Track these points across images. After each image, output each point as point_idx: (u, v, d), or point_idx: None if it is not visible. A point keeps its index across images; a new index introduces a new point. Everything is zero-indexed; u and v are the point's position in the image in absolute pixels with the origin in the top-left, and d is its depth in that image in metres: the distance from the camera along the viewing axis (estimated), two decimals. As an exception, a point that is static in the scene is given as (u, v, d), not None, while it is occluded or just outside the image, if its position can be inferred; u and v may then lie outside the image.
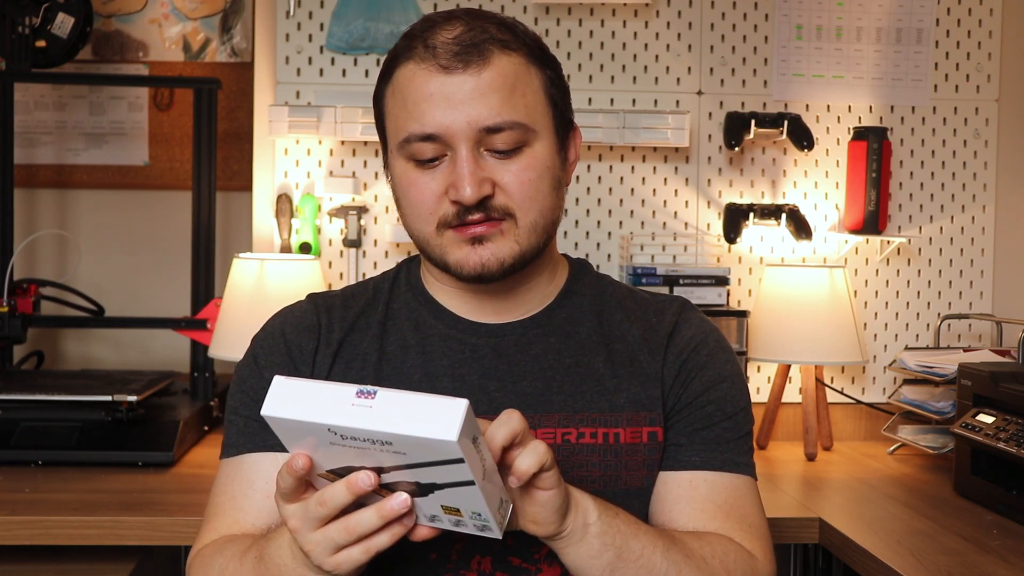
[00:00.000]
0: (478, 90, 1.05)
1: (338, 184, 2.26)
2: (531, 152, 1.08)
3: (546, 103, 1.11)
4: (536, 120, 1.08)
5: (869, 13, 2.36)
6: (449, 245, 1.09)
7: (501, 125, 1.05)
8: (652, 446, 1.14)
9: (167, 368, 2.38)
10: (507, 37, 1.08)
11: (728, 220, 2.29)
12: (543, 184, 1.09)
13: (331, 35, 2.29)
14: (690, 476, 1.13)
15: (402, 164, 1.10)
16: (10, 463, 1.86)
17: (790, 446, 2.26)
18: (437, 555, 1.10)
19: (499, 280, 1.10)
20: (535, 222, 1.09)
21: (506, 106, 1.05)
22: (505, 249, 1.08)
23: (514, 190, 1.07)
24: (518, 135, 1.06)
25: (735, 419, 1.16)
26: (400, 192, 1.12)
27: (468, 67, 1.05)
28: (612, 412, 1.13)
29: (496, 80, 1.05)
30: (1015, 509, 1.67)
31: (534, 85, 1.09)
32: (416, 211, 1.09)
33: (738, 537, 1.10)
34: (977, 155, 2.40)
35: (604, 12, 2.33)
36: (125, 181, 2.56)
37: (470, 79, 1.05)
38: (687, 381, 1.15)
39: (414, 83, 1.07)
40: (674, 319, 1.18)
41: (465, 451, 0.81)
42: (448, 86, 1.05)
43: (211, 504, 1.17)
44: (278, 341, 1.18)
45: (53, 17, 2.22)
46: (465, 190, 1.04)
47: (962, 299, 2.40)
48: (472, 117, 1.04)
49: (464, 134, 1.05)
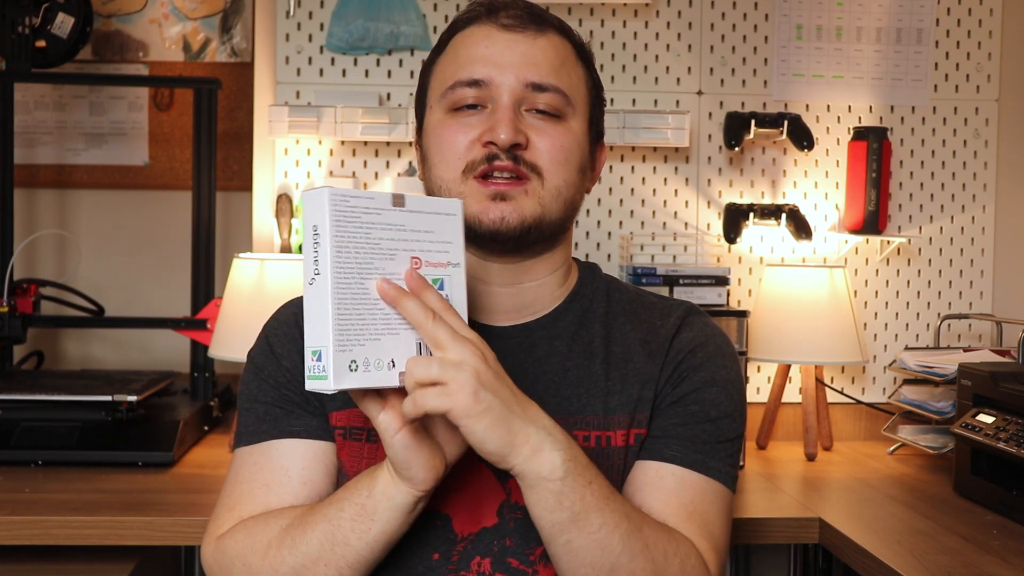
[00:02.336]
0: (531, 51, 1.09)
1: (338, 184, 2.26)
2: (566, 125, 1.11)
3: (587, 95, 1.15)
4: (576, 100, 1.12)
5: (869, 13, 2.36)
6: (471, 195, 1.08)
7: (547, 85, 1.09)
8: (637, 449, 1.13)
9: (167, 368, 2.38)
10: (564, 28, 1.15)
11: (728, 220, 2.29)
12: (573, 156, 1.11)
13: (331, 35, 2.29)
14: (658, 466, 1.11)
15: (439, 115, 1.12)
16: (10, 463, 1.86)
17: (790, 446, 2.26)
18: (440, 556, 1.10)
19: (515, 243, 1.09)
20: (559, 188, 1.10)
21: (555, 73, 1.10)
22: (527, 208, 1.08)
23: (546, 150, 1.09)
24: (560, 101, 1.10)
25: (718, 423, 1.14)
26: (432, 140, 1.13)
27: (527, 30, 1.10)
28: (606, 415, 1.13)
29: (549, 49, 1.11)
30: (1015, 509, 1.67)
31: (579, 73, 1.14)
32: (444, 155, 1.10)
33: (696, 543, 1.08)
34: (977, 155, 2.40)
35: (604, 12, 2.33)
36: (125, 181, 2.56)
37: (526, 40, 1.10)
38: (678, 381, 1.14)
39: (471, 39, 1.12)
40: (677, 323, 1.18)
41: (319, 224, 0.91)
42: (503, 42, 1.10)
43: (233, 492, 1.14)
44: (292, 330, 1.17)
45: (53, 17, 2.22)
46: (501, 132, 1.06)
47: (962, 299, 2.40)
48: (521, 72, 1.08)
49: (510, 86, 1.08)
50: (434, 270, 0.97)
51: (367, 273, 0.92)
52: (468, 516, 1.10)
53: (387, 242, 0.94)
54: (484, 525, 1.10)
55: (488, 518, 1.10)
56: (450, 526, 1.10)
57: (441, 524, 1.10)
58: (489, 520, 1.10)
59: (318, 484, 1.12)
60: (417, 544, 1.10)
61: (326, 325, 0.89)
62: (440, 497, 1.09)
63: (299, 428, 1.14)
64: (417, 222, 0.96)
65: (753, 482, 1.93)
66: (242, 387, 1.19)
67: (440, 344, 0.91)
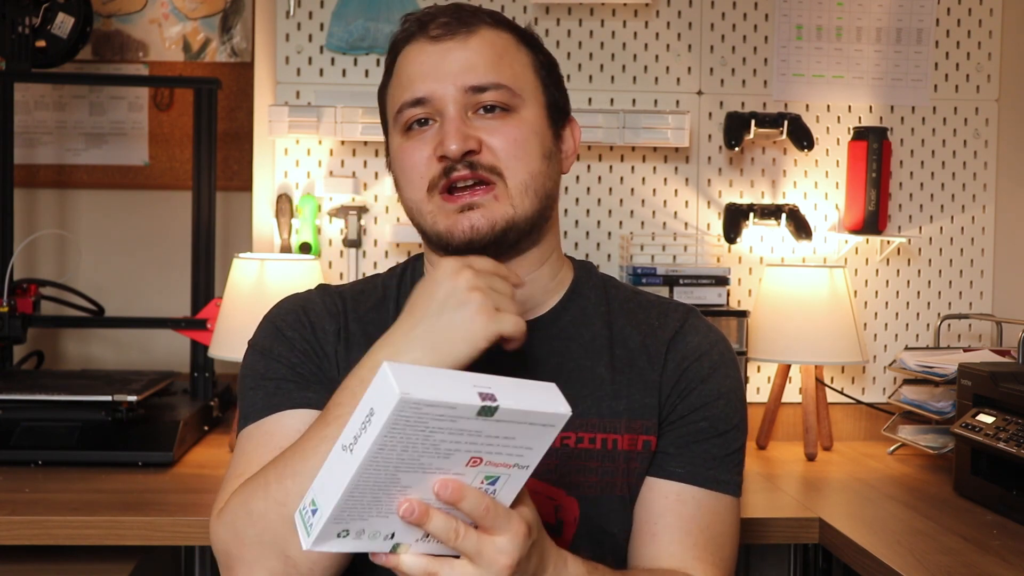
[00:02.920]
0: (464, 55, 1.09)
1: (338, 184, 2.26)
2: (518, 117, 1.10)
3: (535, 80, 1.14)
4: (523, 88, 1.11)
5: (869, 13, 2.36)
6: (439, 212, 1.09)
7: (486, 84, 1.09)
8: (646, 455, 1.14)
9: (167, 368, 2.38)
10: (497, 19, 1.13)
11: (728, 220, 2.29)
12: (530, 146, 1.10)
13: (331, 35, 2.29)
14: (678, 489, 1.12)
15: (397, 140, 1.12)
16: (10, 463, 1.86)
17: (790, 446, 2.26)
18: None
19: (493, 246, 1.08)
20: (525, 183, 1.09)
21: (492, 70, 1.09)
22: (498, 211, 1.08)
23: (499, 147, 1.08)
24: (504, 96, 1.09)
25: (726, 437, 1.15)
26: (396, 165, 1.13)
27: (456, 35, 1.10)
28: (612, 418, 1.12)
29: (483, 47, 1.10)
30: (1015, 509, 1.67)
31: (522, 60, 1.13)
32: (408, 177, 1.11)
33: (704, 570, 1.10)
34: (977, 155, 2.40)
35: (604, 12, 2.33)
36: (125, 181, 2.56)
37: (457, 45, 1.09)
38: (685, 393, 1.14)
39: (408, 58, 1.12)
40: (677, 325, 1.17)
41: None
42: (435, 54, 1.09)
43: (240, 463, 1.08)
44: (301, 317, 1.16)
45: (53, 17, 2.22)
46: (451, 144, 1.06)
47: (962, 299, 2.40)
48: (458, 78, 1.08)
49: (451, 95, 1.08)
50: (494, 469, 0.84)
51: (406, 467, 0.80)
52: None
53: (449, 443, 0.80)
54: None
55: None
56: None
57: None
58: None
59: None
60: None
61: (334, 495, 0.80)
62: None
63: (314, 398, 1.10)
64: (501, 429, 0.81)
65: (753, 482, 1.93)
66: (245, 371, 1.15)
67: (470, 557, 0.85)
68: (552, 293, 1.18)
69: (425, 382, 0.78)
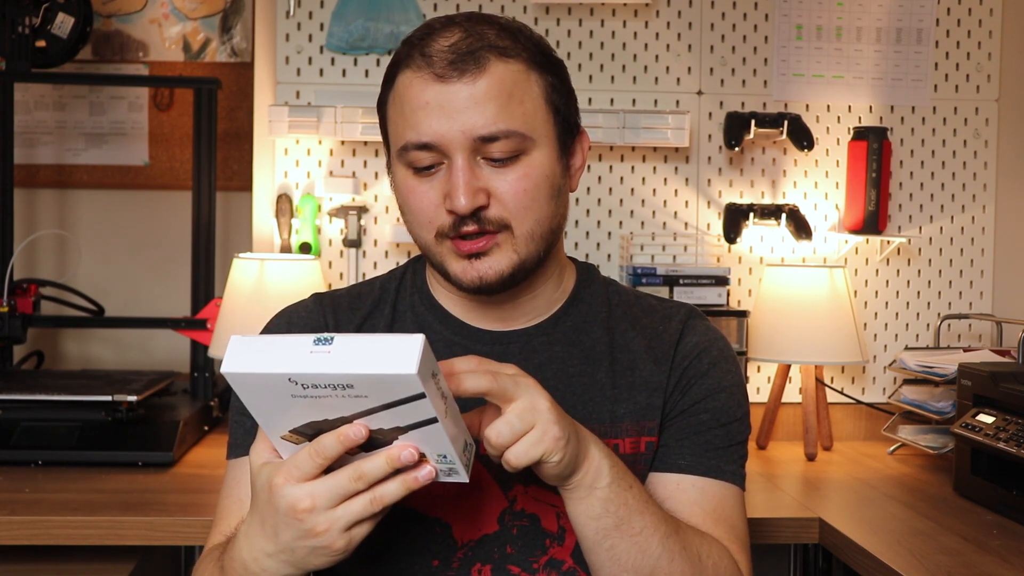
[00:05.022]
0: (473, 99, 1.03)
1: (338, 184, 2.26)
2: (528, 161, 1.07)
3: (546, 110, 1.09)
4: (535, 128, 1.07)
5: (869, 13, 2.36)
6: (448, 256, 1.09)
7: (496, 134, 1.04)
8: (649, 456, 1.14)
9: (167, 368, 2.39)
10: (506, 44, 1.06)
11: (728, 220, 2.29)
12: (540, 194, 1.08)
13: (331, 35, 2.29)
14: (677, 479, 1.13)
15: (402, 171, 1.10)
16: (10, 463, 1.86)
17: (790, 446, 2.26)
18: (439, 562, 1.10)
19: (500, 292, 1.10)
20: (531, 231, 1.08)
21: (502, 115, 1.04)
22: (504, 261, 1.07)
23: (509, 200, 1.06)
24: (515, 143, 1.05)
25: (728, 428, 1.15)
26: (401, 199, 1.12)
27: (463, 75, 1.04)
28: (613, 423, 1.13)
29: (492, 88, 1.04)
30: (1015, 509, 1.67)
31: (533, 92, 1.07)
32: (416, 219, 1.10)
33: (728, 547, 1.10)
34: (977, 155, 2.40)
35: (604, 12, 2.33)
36: (125, 181, 2.56)
37: (465, 88, 1.03)
38: (686, 388, 1.15)
39: (411, 91, 1.06)
40: (680, 327, 1.18)
41: (426, 386, 0.83)
42: (443, 95, 1.04)
43: (219, 507, 1.16)
44: None
45: (53, 17, 2.22)
46: (459, 200, 1.04)
47: (962, 299, 2.40)
48: (467, 126, 1.03)
49: (459, 143, 1.04)
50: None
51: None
52: (468, 523, 1.10)
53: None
54: (485, 532, 1.10)
55: (489, 525, 1.10)
56: (449, 533, 1.10)
57: (440, 531, 1.10)
58: (490, 527, 1.10)
59: None
60: (417, 550, 1.10)
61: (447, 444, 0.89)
62: (439, 504, 1.09)
63: None
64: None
65: (753, 482, 1.93)
66: (232, 401, 1.18)
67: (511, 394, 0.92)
68: (555, 301, 1.18)
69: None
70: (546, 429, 0.92)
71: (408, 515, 1.08)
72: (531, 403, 0.92)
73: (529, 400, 0.92)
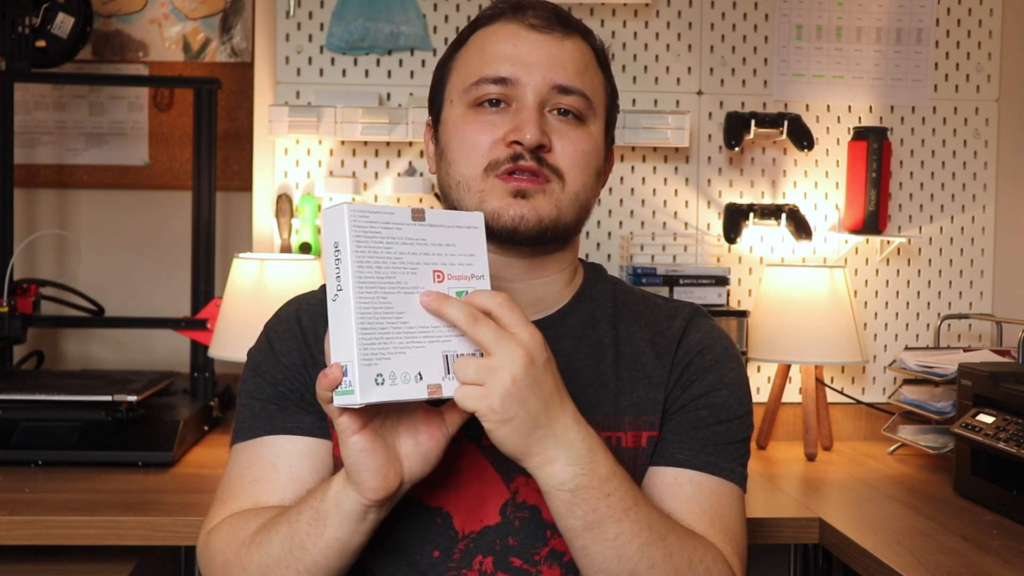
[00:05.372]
0: (558, 53, 1.10)
1: (338, 184, 2.26)
2: (587, 129, 1.12)
3: (604, 100, 1.16)
4: (597, 105, 1.13)
5: (869, 13, 2.36)
6: (491, 192, 1.09)
7: (572, 88, 1.10)
8: (649, 451, 1.14)
9: (167, 368, 2.38)
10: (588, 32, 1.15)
11: (728, 220, 2.29)
12: (592, 161, 1.12)
13: (331, 35, 2.29)
14: (675, 473, 1.12)
15: (460, 111, 1.12)
16: (10, 463, 1.86)
17: (790, 446, 2.26)
18: (440, 553, 1.10)
19: (530, 244, 1.10)
20: (577, 193, 1.11)
21: (579, 76, 1.11)
22: (546, 208, 1.09)
23: (568, 154, 1.10)
24: (584, 105, 1.11)
25: (728, 425, 1.15)
26: (452, 136, 1.12)
27: (554, 31, 1.11)
28: (616, 415, 1.13)
29: (575, 52, 1.11)
30: (1015, 509, 1.67)
31: (600, 79, 1.15)
32: (467, 151, 1.10)
33: (721, 548, 1.09)
34: (977, 155, 2.40)
35: (604, 12, 2.33)
36: (125, 181, 2.56)
37: (553, 41, 1.10)
38: (687, 384, 1.15)
39: (497, 36, 1.11)
40: (684, 324, 1.18)
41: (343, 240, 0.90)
42: (531, 41, 1.10)
43: (227, 487, 1.15)
44: (294, 327, 1.18)
45: (53, 17, 2.22)
46: (527, 132, 1.06)
47: (962, 299, 2.40)
48: (548, 73, 1.09)
49: (536, 86, 1.09)
50: (457, 283, 0.97)
51: (389, 288, 0.92)
52: (469, 514, 1.10)
53: (408, 256, 0.94)
54: (486, 524, 1.10)
55: (491, 517, 1.10)
56: (450, 523, 1.10)
57: (441, 521, 1.10)
58: (492, 519, 1.10)
59: (306, 481, 1.12)
60: (418, 541, 1.10)
61: (350, 340, 0.89)
62: (440, 494, 1.10)
63: (292, 424, 1.14)
64: (439, 236, 0.96)
65: (753, 482, 1.92)
66: (241, 384, 1.20)
67: (486, 347, 0.93)
68: (564, 296, 1.19)
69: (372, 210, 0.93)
70: (489, 394, 0.91)
71: (408, 505, 1.08)
72: (496, 364, 0.92)
73: (497, 361, 0.92)
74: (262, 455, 1.14)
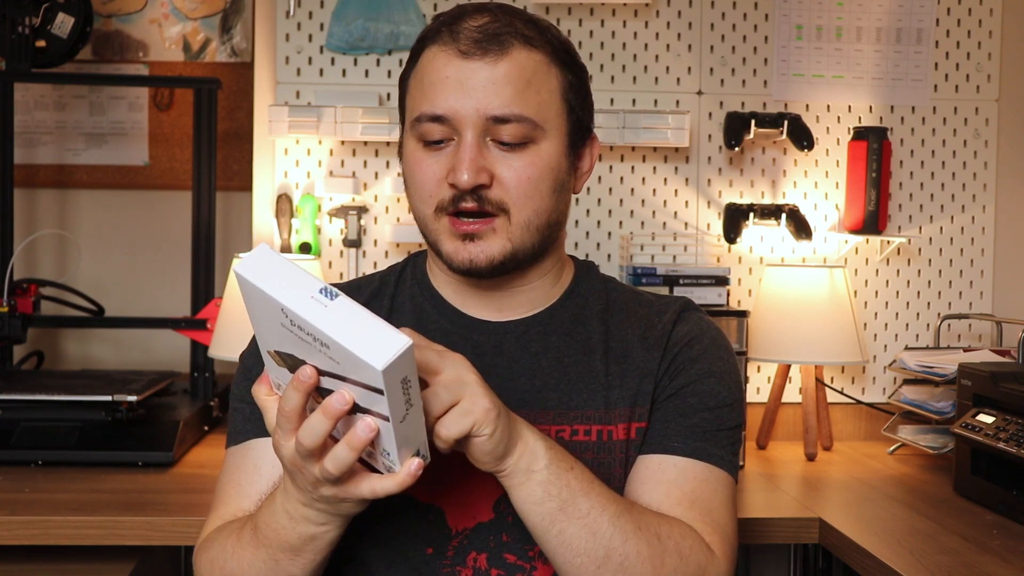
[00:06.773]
0: (492, 79, 1.06)
1: (338, 184, 2.26)
2: (536, 150, 1.08)
3: (561, 105, 1.11)
4: (547, 119, 1.09)
5: (869, 13, 2.36)
6: (443, 233, 1.10)
7: (509, 116, 1.06)
8: (639, 443, 1.14)
9: (167, 368, 2.38)
10: (531, 34, 1.09)
11: (728, 220, 2.29)
12: (542, 184, 1.09)
13: (331, 35, 2.29)
14: (660, 459, 1.12)
15: (412, 144, 1.11)
16: (10, 463, 1.86)
17: (790, 446, 2.26)
18: (434, 550, 1.10)
19: (489, 277, 1.11)
20: (529, 220, 1.09)
21: (518, 99, 1.06)
22: (495, 247, 1.08)
23: (511, 185, 1.07)
24: (525, 130, 1.07)
25: (716, 412, 1.15)
26: (407, 171, 1.13)
27: (486, 55, 1.06)
28: (607, 409, 1.13)
29: (512, 72, 1.07)
30: (1015, 509, 1.67)
31: (551, 85, 1.10)
32: (418, 191, 1.11)
33: (698, 528, 1.08)
34: (977, 155, 2.40)
35: (604, 12, 2.33)
36: (125, 181, 2.56)
37: (486, 67, 1.06)
38: (676, 373, 1.15)
39: (433, 65, 1.09)
40: (674, 317, 1.19)
41: (389, 386, 0.82)
42: (463, 71, 1.06)
43: (217, 493, 1.17)
44: None
45: (53, 17, 2.22)
46: (462, 175, 1.05)
47: (962, 299, 2.40)
48: (481, 104, 1.06)
49: (471, 120, 1.06)
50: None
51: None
52: (462, 511, 1.11)
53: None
54: (480, 520, 1.10)
55: (484, 513, 1.10)
56: (443, 520, 1.10)
57: (434, 518, 1.10)
58: (485, 515, 1.10)
59: None
60: (410, 538, 1.10)
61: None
62: (432, 491, 1.10)
63: None
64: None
65: (753, 482, 1.93)
66: (232, 387, 1.21)
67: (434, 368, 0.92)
68: (553, 295, 1.19)
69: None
70: (475, 400, 0.92)
71: (401, 501, 1.08)
72: (457, 375, 0.92)
73: (455, 372, 0.92)
74: (247, 458, 1.15)
